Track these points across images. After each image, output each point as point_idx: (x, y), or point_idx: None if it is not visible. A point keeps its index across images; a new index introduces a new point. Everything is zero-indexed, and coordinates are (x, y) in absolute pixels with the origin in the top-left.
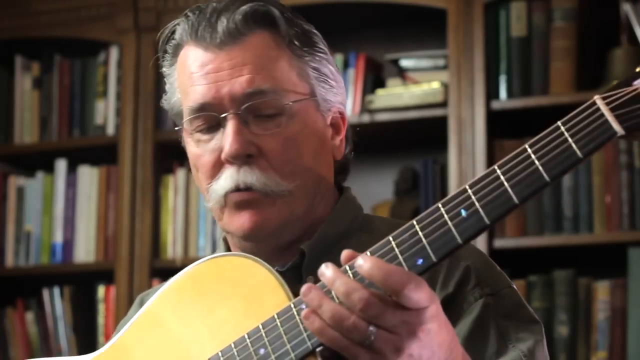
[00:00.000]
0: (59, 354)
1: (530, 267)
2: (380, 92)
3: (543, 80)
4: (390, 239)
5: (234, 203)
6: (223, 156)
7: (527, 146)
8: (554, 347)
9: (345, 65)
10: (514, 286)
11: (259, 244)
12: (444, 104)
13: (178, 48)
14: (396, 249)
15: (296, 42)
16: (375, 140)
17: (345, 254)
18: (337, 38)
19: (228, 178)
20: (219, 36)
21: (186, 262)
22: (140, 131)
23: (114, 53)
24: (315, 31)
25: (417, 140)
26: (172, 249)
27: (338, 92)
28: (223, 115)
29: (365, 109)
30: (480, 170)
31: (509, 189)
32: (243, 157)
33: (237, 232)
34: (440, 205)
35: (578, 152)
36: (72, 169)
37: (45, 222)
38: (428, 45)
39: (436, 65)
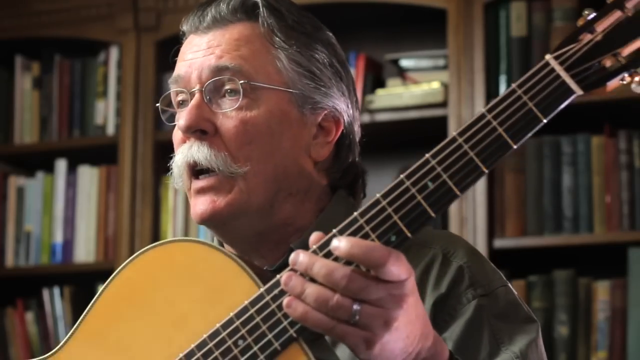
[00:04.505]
0: None
1: (530, 267)
2: (380, 92)
3: None
4: (358, 216)
5: (194, 190)
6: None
7: (485, 112)
8: (554, 347)
9: None
10: (509, 284)
11: (220, 232)
12: (444, 104)
13: (183, 38)
14: (366, 227)
15: (279, 34)
16: (375, 140)
17: (314, 236)
18: (337, 38)
19: (179, 154)
20: (207, 21)
21: None
22: (140, 131)
23: (114, 53)
24: (321, 35)
25: (417, 140)
26: None
27: (332, 95)
28: (191, 90)
29: (365, 109)
30: None
31: (475, 158)
32: (197, 133)
33: (195, 219)
34: (404, 179)
35: (540, 115)
36: (72, 169)
37: (45, 222)
38: (428, 45)
39: (436, 65)
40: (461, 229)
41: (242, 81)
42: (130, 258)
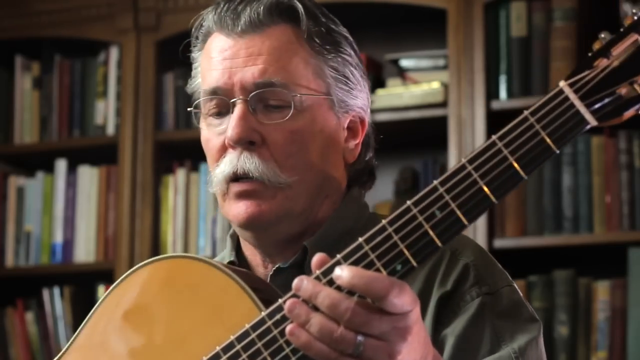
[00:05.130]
0: None
1: (530, 267)
2: (380, 92)
3: (543, 80)
4: (363, 243)
5: (234, 193)
6: (226, 140)
7: (496, 139)
8: (554, 347)
9: None
10: (514, 284)
11: (259, 236)
12: (444, 104)
13: (207, 35)
14: (371, 254)
15: (317, 39)
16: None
17: (316, 258)
18: None
19: (228, 163)
20: (241, 24)
21: None
22: (140, 131)
23: (114, 53)
24: (344, 33)
25: (417, 140)
26: (172, 249)
27: (359, 96)
28: (232, 100)
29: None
30: None
31: (485, 187)
32: (245, 143)
33: (234, 221)
34: (412, 205)
35: (553, 146)
36: (72, 169)
37: (45, 222)
38: (428, 45)
39: (436, 65)
40: None
41: (288, 94)
42: (131, 270)
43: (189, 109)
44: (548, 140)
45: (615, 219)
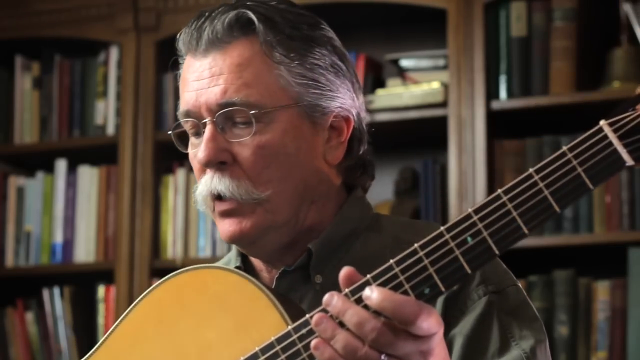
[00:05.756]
0: (59, 354)
1: (530, 267)
2: (380, 92)
3: (543, 80)
4: (394, 264)
5: (217, 212)
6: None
7: (533, 172)
8: (554, 347)
9: None
10: (519, 284)
11: (249, 249)
12: (444, 104)
13: (182, 56)
14: (401, 276)
15: (278, 49)
16: (375, 140)
17: (344, 272)
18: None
19: (203, 184)
20: (203, 44)
21: (186, 262)
22: (140, 131)
23: (114, 53)
24: (314, 32)
25: (417, 140)
26: (172, 249)
27: (337, 95)
28: (202, 121)
29: (365, 109)
30: (479, 171)
31: (518, 218)
32: (216, 164)
33: (224, 239)
34: (444, 231)
35: (589, 182)
36: (72, 169)
37: (45, 222)
38: (428, 45)
39: (436, 65)
40: None
41: (251, 112)
42: (163, 279)
43: (169, 132)
44: (584, 176)
45: (615, 219)
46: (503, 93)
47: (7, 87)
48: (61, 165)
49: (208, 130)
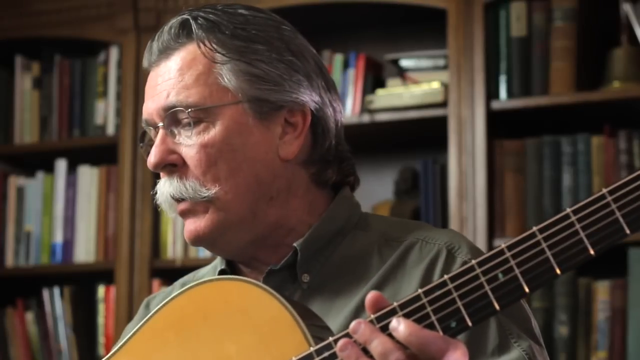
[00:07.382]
0: (59, 354)
1: None
2: (380, 92)
3: (543, 80)
4: (422, 294)
5: (178, 214)
6: None
7: (571, 212)
8: (554, 347)
9: (345, 65)
10: None
11: (212, 250)
12: (444, 104)
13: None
14: (428, 307)
15: (220, 49)
16: (375, 140)
17: (371, 297)
18: (337, 38)
19: (158, 190)
20: (155, 54)
21: (186, 262)
22: (140, 131)
23: (114, 53)
24: (261, 29)
25: (417, 140)
26: (172, 249)
27: (289, 90)
28: (156, 127)
29: (365, 109)
30: (479, 171)
31: (552, 259)
32: (166, 167)
33: (187, 241)
34: (476, 265)
35: (590, 249)
36: (72, 169)
37: (45, 222)
38: (428, 45)
39: (436, 65)
40: (461, 228)
41: (190, 110)
42: (186, 287)
43: (140, 145)
44: (586, 241)
45: None
46: (503, 93)
47: (7, 87)
48: (61, 165)
49: (158, 135)
